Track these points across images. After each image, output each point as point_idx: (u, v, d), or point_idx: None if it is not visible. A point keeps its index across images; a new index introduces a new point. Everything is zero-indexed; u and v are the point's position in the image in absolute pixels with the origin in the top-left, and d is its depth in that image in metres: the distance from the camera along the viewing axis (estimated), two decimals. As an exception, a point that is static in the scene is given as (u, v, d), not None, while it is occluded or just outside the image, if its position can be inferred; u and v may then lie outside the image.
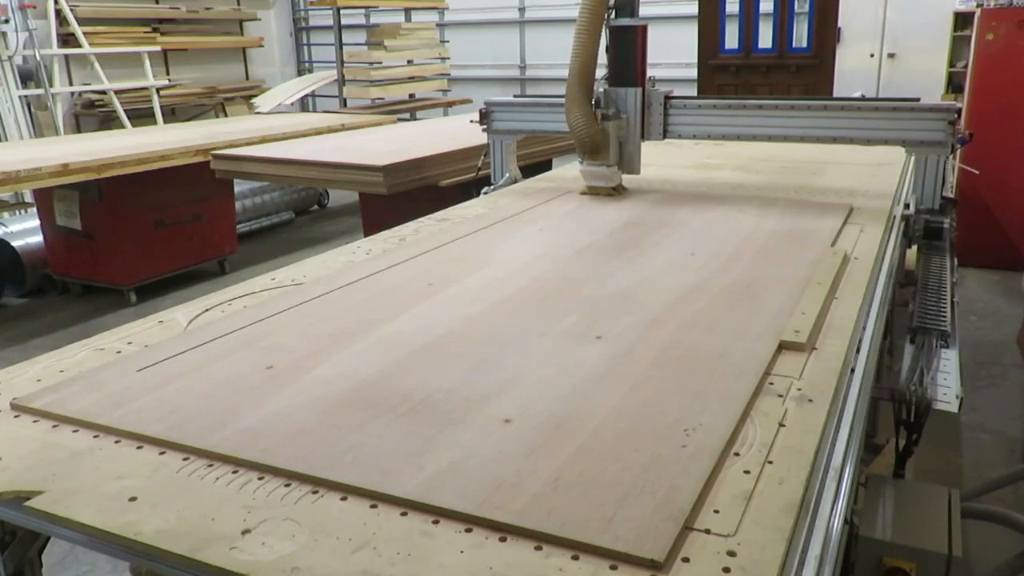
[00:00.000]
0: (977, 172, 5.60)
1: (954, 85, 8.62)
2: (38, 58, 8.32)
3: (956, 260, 3.06)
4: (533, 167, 4.58)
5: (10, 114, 8.04)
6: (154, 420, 1.33)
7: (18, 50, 8.23)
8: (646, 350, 1.60)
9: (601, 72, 3.07)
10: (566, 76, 2.98)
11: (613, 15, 3.01)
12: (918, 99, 2.85)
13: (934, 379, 1.99)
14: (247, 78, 12.06)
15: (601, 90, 3.07)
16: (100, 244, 5.84)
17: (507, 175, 3.56)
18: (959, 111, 2.83)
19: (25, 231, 6.16)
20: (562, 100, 3.35)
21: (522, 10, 11.98)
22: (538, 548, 1.00)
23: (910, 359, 2.09)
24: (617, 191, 3.15)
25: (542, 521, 1.03)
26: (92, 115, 9.54)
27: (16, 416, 1.39)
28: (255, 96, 10.86)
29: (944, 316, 2.31)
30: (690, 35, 6.88)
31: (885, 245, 2.41)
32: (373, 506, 1.09)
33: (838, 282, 2.00)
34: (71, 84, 9.44)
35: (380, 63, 9.79)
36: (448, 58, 10.94)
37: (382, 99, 10.07)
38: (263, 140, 5.98)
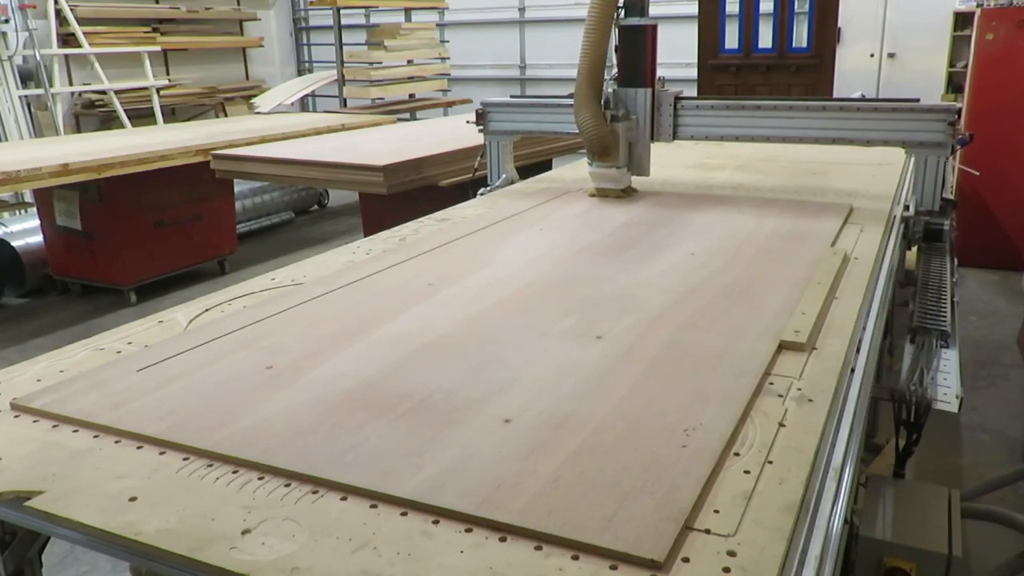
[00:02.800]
0: (978, 173, 5.60)
1: (954, 85, 8.62)
2: (38, 58, 8.32)
3: (956, 260, 3.06)
4: (533, 167, 4.58)
5: (10, 114, 8.04)
6: (154, 420, 1.33)
7: (18, 50, 8.23)
8: (646, 350, 1.60)
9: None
10: (566, 76, 2.97)
11: (622, 14, 2.98)
12: (918, 99, 2.84)
13: (934, 379, 1.99)
14: (247, 78, 12.06)
15: (610, 91, 3.04)
16: (100, 244, 5.84)
17: (503, 176, 3.54)
18: (959, 112, 2.82)
19: (25, 231, 6.16)
20: (559, 100, 3.34)
21: (522, 10, 11.97)
22: (538, 548, 1.00)
23: (910, 359, 2.09)
24: (626, 193, 3.12)
25: (542, 521, 1.03)
26: (92, 115, 9.54)
27: (16, 416, 1.39)
28: (255, 96, 10.86)
29: (944, 316, 2.30)
30: (689, 35, 6.88)
31: (885, 245, 2.41)
32: (373, 506, 1.09)
33: (838, 282, 2.00)
34: (71, 84, 9.44)
35: (380, 63, 9.79)
36: (448, 58, 10.94)
37: (382, 99, 10.07)
38: (263, 140, 5.98)
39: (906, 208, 2.87)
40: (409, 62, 10.47)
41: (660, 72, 3.14)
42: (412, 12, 10.90)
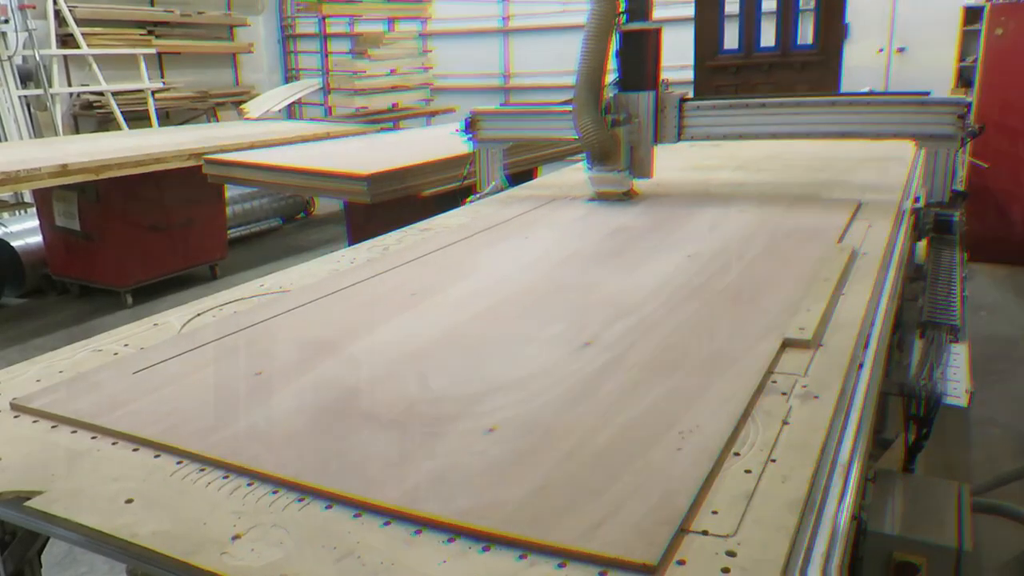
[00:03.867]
0: (986, 166, 5.56)
1: (963, 80, 8.55)
2: (37, 58, 8.31)
3: (966, 254, 3.03)
4: (516, 176, 4.52)
5: (10, 114, 8.03)
6: (150, 422, 1.32)
7: (18, 50, 8.22)
8: (646, 350, 1.57)
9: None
10: (550, 84, 2.96)
11: (623, 20, 2.96)
12: (927, 93, 2.83)
13: (944, 374, 1.96)
14: (237, 83, 11.94)
15: (610, 95, 3.02)
16: (98, 245, 5.83)
17: (493, 184, 3.50)
18: (968, 105, 2.81)
19: (25, 231, 6.16)
20: (550, 108, 3.33)
21: (506, 19, 11.82)
22: (522, 556, 0.97)
23: (919, 354, 2.06)
24: (628, 196, 3.11)
25: (526, 529, 1.00)
26: (90, 116, 9.51)
27: (16, 416, 1.39)
28: (245, 101, 10.72)
29: (954, 310, 2.28)
30: (684, 36, 6.72)
31: (894, 240, 2.39)
32: (357, 515, 1.07)
33: (845, 278, 1.97)
34: (70, 85, 9.42)
35: (364, 72, 9.71)
36: (432, 68, 10.83)
37: (366, 108, 9.97)
38: (252, 146, 5.95)
39: (916, 200, 2.84)
40: (393, 72, 10.37)
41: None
42: (396, 22, 10.77)
